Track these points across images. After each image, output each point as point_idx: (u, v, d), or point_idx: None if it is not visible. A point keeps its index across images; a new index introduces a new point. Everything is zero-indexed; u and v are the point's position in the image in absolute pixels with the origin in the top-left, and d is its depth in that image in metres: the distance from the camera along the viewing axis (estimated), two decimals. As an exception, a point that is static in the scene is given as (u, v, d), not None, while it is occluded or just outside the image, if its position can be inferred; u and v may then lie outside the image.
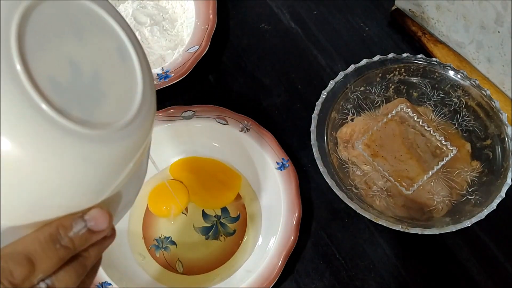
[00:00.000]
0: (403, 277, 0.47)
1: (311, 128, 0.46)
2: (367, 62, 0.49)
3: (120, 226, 0.49)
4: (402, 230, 0.41)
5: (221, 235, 0.49)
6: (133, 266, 0.48)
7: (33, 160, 0.21)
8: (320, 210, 0.50)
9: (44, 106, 0.21)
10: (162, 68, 0.55)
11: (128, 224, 0.50)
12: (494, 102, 0.46)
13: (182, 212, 0.51)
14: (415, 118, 0.48)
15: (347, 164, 0.47)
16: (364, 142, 0.47)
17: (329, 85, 0.48)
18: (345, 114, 0.49)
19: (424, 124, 0.48)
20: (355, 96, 0.49)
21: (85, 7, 0.25)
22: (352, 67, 0.49)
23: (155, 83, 0.53)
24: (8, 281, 0.21)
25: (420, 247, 0.48)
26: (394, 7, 0.60)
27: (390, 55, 0.49)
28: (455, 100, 0.49)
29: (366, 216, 0.42)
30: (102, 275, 0.45)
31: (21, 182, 0.21)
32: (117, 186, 0.25)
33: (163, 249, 0.49)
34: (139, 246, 0.49)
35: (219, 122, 0.51)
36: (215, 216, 0.50)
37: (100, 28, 0.25)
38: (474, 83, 0.47)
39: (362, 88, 0.50)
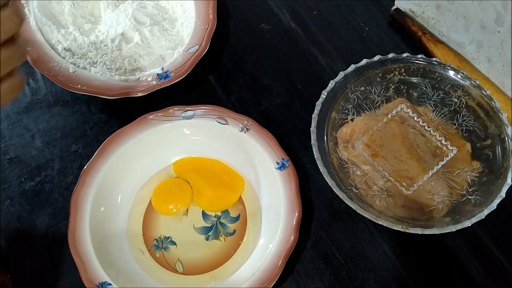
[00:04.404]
0: (403, 277, 0.47)
1: (311, 128, 0.46)
2: (367, 62, 0.49)
3: (120, 226, 0.49)
4: (402, 230, 0.41)
5: (221, 235, 0.49)
6: (133, 267, 0.48)
7: None
8: (320, 210, 0.50)
9: None
10: (162, 68, 0.55)
11: (127, 224, 0.50)
12: (494, 102, 0.46)
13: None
14: (415, 118, 0.48)
15: (347, 164, 0.47)
16: (364, 142, 0.47)
17: (329, 85, 0.48)
18: (345, 114, 0.49)
19: (424, 124, 0.48)
20: (355, 96, 0.49)
21: None
22: (352, 67, 0.49)
23: (154, 83, 0.53)
24: None
25: (420, 247, 0.48)
26: (394, 7, 0.60)
27: (390, 55, 0.49)
28: (455, 100, 0.49)
29: (366, 216, 0.42)
30: (102, 275, 0.45)
31: None
32: None
33: (163, 249, 0.49)
34: (139, 244, 0.49)
35: (219, 122, 0.51)
36: (215, 216, 0.50)
37: None
38: (474, 83, 0.47)
39: (362, 88, 0.50)
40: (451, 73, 0.48)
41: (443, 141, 0.47)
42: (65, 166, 0.54)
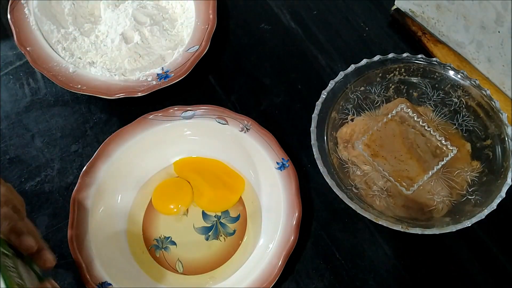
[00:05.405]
0: (403, 277, 0.47)
1: (311, 128, 0.46)
2: (367, 62, 0.49)
3: (120, 226, 0.49)
4: (402, 230, 0.41)
5: (221, 235, 0.49)
6: (133, 267, 0.48)
7: None
8: (320, 210, 0.50)
9: None
10: (162, 68, 0.55)
11: (127, 224, 0.50)
12: (494, 102, 0.46)
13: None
14: (415, 118, 0.48)
15: (347, 164, 0.47)
16: (364, 142, 0.47)
17: (329, 85, 0.48)
18: (345, 114, 0.49)
19: (424, 124, 0.48)
20: (355, 96, 0.49)
21: None
22: (352, 67, 0.49)
23: (154, 83, 0.53)
24: None
25: (420, 247, 0.48)
26: (394, 7, 0.60)
27: (390, 55, 0.49)
28: (455, 100, 0.49)
29: (366, 216, 0.42)
30: (102, 275, 0.45)
31: None
32: None
33: (163, 249, 0.49)
34: (139, 244, 0.49)
35: (219, 122, 0.51)
36: (215, 216, 0.50)
37: None
38: (474, 83, 0.47)
39: (362, 88, 0.50)
40: (451, 73, 0.48)
41: (443, 141, 0.47)
42: (65, 166, 0.54)
